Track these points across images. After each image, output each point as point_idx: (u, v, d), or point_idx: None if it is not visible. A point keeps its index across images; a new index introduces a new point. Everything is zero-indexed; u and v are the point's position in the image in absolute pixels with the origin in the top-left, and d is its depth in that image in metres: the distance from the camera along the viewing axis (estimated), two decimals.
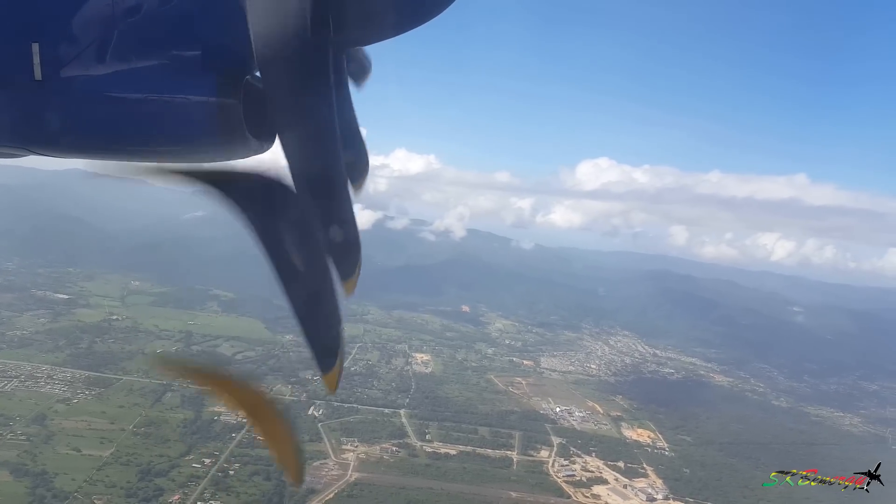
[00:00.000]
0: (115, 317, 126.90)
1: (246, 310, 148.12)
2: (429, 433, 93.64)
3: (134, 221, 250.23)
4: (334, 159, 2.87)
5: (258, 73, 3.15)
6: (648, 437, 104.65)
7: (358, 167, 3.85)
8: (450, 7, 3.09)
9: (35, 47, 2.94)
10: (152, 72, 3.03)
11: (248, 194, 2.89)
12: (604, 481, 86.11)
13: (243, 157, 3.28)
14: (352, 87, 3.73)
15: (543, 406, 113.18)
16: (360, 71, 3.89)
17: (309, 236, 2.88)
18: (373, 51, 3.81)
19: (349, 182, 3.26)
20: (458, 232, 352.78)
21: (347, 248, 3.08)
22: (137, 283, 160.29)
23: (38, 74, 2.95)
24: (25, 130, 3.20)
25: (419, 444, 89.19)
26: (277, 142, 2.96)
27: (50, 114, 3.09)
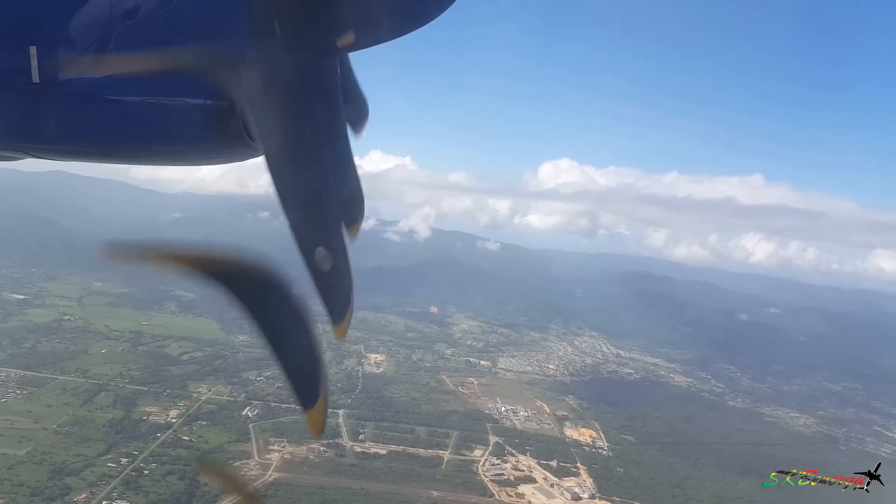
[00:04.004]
0: (67, 317, 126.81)
1: (204, 310, 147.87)
2: (363, 433, 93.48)
3: (109, 224, 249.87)
4: (321, 174, 2.78)
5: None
6: (590, 436, 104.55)
7: (353, 208, 3.69)
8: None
9: (33, 50, 2.93)
10: (150, 75, 3.03)
11: (242, 286, 2.75)
12: (532, 480, 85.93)
13: (240, 160, 3.32)
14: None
15: (489, 406, 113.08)
16: (358, 116, 3.95)
17: (301, 322, 2.78)
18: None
19: (343, 224, 3.17)
20: (423, 232, 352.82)
21: (338, 287, 2.93)
22: (100, 283, 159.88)
23: (35, 77, 2.96)
24: (23, 133, 3.22)
25: (350, 444, 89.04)
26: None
27: (47, 116, 3.10)
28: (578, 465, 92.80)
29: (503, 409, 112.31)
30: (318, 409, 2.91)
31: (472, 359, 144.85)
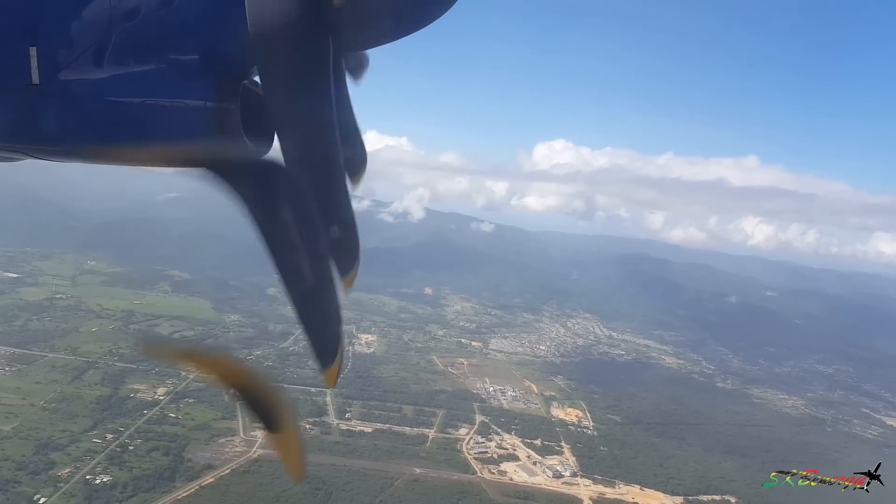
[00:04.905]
0: (59, 295, 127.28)
1: (197, 290, 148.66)
2: (349, 412, 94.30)
3: (104, 203, 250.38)
4: (333, 158, 2.89)
5: (256, 77, 3.30)
6: (576, 416, 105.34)
7: (355, 161, 3.99)
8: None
9: (33, 51, 2.93)
10: (150, 76, 3.06)
11: (250, 181, 2.90)
12: (515, 458, 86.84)
13: (241, 162, 3.32)
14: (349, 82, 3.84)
15: (477, 386, 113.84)
16: (358, 66, 4.04)
17: (310, 230, 2.90)
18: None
19: (347, 176, 3.31)
20: (417, 213, 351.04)
21: (346, 244, 3.16)
22: (94, 262, 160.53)
23: (35, 78, 2.95)
24: (23, 134, 3.21)
25: (336, 422, 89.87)
26: (275, 144, 3.04)
27: (48, 117, 3.10)
28: (562, 443, 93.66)
29: (491, 389, 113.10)
30: (334, 365, 3.05)
31: (463, 340, 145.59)
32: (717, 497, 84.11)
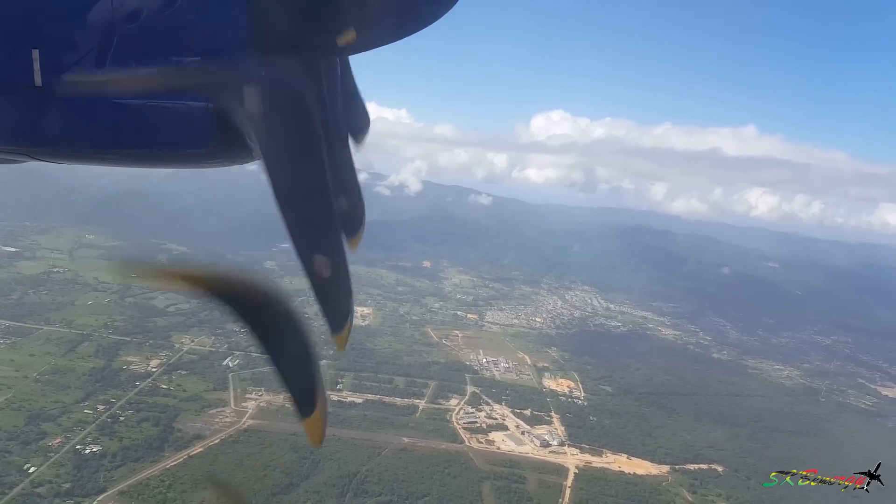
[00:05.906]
0: (56, 269, 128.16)
1: (195, 263, 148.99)
2: (341, 383, 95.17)
3: (103, 177, 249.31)
4: (324, 188, 2.81)
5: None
6: (568, 386, 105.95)
7: (353, 216, 3.83)
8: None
9: (35, 53, 2.97)
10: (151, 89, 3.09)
11: (246, 305, 2.91)
12: (504, 428, 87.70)
13: (242, 163, 3.39)
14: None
15: (471, 357, 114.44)
16: (359, 126, 4.05)
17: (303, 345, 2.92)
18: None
19: (345, 235, 3.29)
20: (414, 186, 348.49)
21: (338, 296, 2.97)
22: (92, 236, 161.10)
23: (38, 80, 2.99)
24: (25, 136, 3.25)
25: (327, 392, 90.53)
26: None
27: (50, 120, 3.12)
28: (552, 413, 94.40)
29: (484, 360, 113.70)
30: (315, 418, 2.95)
31: (459, 312, 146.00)
32: (704, 466, 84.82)
